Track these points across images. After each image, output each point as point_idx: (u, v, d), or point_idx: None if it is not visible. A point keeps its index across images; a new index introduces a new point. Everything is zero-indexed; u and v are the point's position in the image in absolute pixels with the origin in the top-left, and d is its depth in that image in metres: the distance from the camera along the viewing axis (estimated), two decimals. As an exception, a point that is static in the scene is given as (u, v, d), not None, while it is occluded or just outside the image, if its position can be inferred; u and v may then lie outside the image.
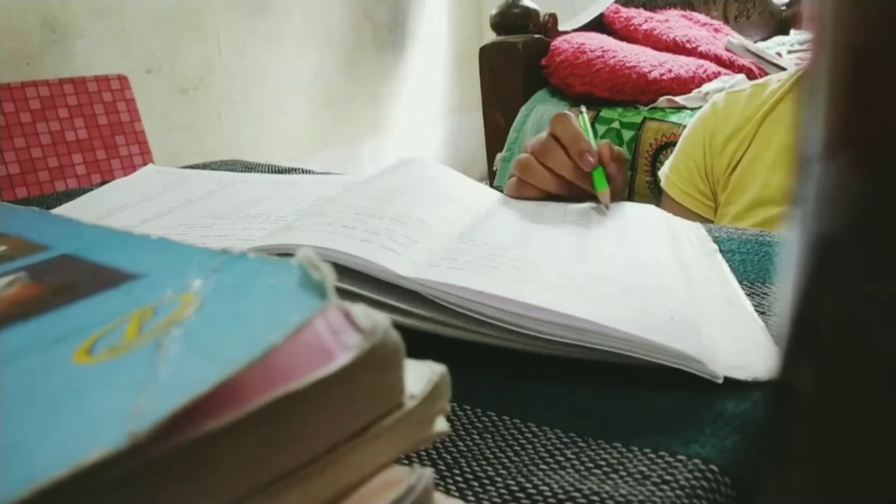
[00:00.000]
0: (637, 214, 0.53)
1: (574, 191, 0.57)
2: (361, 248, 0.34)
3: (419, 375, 0.18)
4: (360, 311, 0.16)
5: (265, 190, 0.58)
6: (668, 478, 0.24)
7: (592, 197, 0.56)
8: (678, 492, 0.23)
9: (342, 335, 0.16)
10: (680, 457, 0.25)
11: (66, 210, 0.58)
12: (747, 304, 0.38)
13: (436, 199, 0.48)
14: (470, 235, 0.42)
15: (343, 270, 0.33)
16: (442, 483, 0.25)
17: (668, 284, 0.37)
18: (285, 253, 0.35)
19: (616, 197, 0.59)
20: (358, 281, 0.33)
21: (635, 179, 1.56)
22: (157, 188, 0.62)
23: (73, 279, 0.19)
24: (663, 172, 0.94)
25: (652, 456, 0.26)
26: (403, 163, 0.56)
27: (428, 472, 0.17)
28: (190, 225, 0.49)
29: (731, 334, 0.33)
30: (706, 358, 0.29)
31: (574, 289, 0.34)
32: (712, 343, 0.31)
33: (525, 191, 0.59)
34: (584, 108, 0.65)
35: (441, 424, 0.18)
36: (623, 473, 0.25)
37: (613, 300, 0.34)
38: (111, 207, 0.57)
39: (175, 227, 0.49)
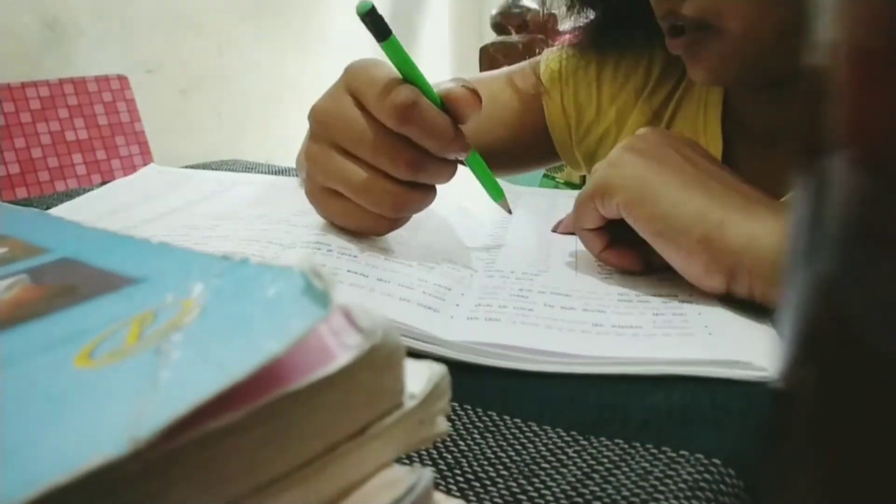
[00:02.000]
0: None
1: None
2: (403, 312, 0.34)
3: (419, 375, 0.18)
4: (361, 312, 0.16)
5: (267, 190, 0.58)
6: (670, 473, 0.24)
7: None
8: (681, 485, 0.24)
9: (342, 335, 0.16)
10: (682, 452, 0.25)
11: (66, 210, 0.58)
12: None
13: (448, 217, 0.48)
14: (495, 264, 0.43)
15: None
16: (443, 483, 0.25)
17: (689, 296, 0.37)
18: None
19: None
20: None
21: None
22: (159, 188, 0.62)
23: (74, 282, 0.19)
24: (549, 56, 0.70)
25: (654, 452, 0.26)
26: None
27: (428, 472, 0.17)
28: (192, 226, 0.49)
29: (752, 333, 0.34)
30: (751, 357, 0.30)
31: (610, 326, 0.35)
32: (745, 342, 0.32)
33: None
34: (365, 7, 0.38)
35: (441, 424, 0.18)
36: (626, 470, 0.25)
37: (650, 328, 0.34)
38: (112, 207, 0.57)
39: (177, 228, 0.49)
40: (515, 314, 0.36)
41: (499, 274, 0.41)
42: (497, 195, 0.45)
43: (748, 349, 0.31)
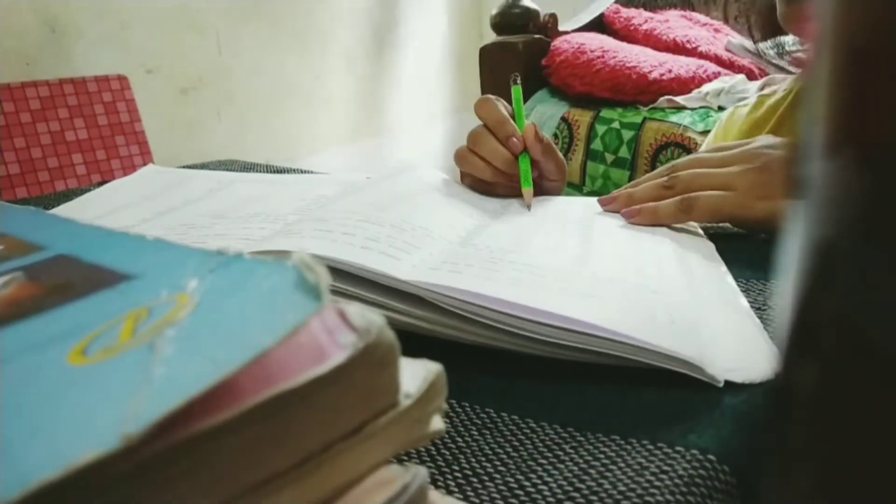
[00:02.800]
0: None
1: (508, 179, 0.56)
2: (361, 255, 0.34)
3: (415, 374, 0.18)
4: (355, 311, 0.16)
5: (264, 189, 0.58)
6: (666, 468, 0.24)
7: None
8: (676, 481, 0.24)
9: (337, 334, 0.16)
10: (678, 447, 0.26)
11: (65, 210, 0.58)
12: (744, 302, 0.38)
13: (437, 206, 0.48)
14: (471, 240, 0.42)
15: (342, 274, 0.33)
16: (441, 479, 0.25)
17: (669, 287, 0.37)
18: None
19: (553, 185, 0.59)
20: (357, 284, 0.33)
21: (634, 179, 1.56)
22: (157, 188, 0.62)
23: (68, 279, 0.19)
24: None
25: (650, 448, 0.26)
26: (402, 170, 0.56)
27: (423, 471, 0.17)
28: (190, 225, 0.49)
29: (731, 335, 0.33)
30: (706, 362, 0.29)
31: (575, 292, 0.34)
32: (713, 345, 0.31)
33: (465, 181, 0.58)
34: (517, 78, 0.62)
35: (437, 423, 0.18)
36: (622, 465, 0.25)
37: (615, 304, 0.34)
38: (111, 207, 0.58)
39: (175, 228, 0.49)
40: (480, 271, 0.35)
41: (473, 247, 0.41)
42: (526, 182, 0.54)
43: (708, 352, 0.30)
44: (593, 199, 0.56)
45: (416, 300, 0.33)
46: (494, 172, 0.56)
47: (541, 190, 0.59)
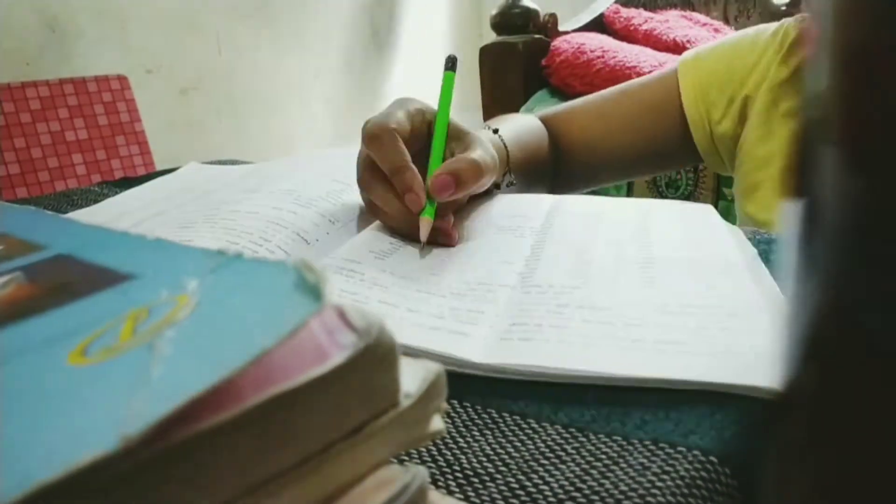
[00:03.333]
0: (690, 221, 0.51)
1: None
2: (432, 339, 0.34)
3: (415, 374, 0.18)
4: (355, 311, 0.16)
5: (294, 164, 0.60)
6: (668, 469, 0.24)
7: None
8: (678, 482, 0.24)
9: (337, 334, 0.16)
10: (680, 448, 0.26)
11: (109, 204, 0.61)
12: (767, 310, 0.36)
13: (486, 240, 0.47)
14: (532, 278, 0.41)
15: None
16: (442, 479, 0.25)
17: (742, 307, 0.36)
18: None
19: (488, 193, 0.53)
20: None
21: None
22: (199, 181, 0.64)
23: (68, 279, 0.19)
24: (689, 54, 0.74)
25: (652, 448, 0.26)
26: None
27: (423, 471, 0.17)
28: (222, 201, 0.51)
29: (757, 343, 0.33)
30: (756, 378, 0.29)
31: (651, 343, 0.33)
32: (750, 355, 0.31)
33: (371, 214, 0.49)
34: (453, 61, 0.52)
35: (437, 423, 0.18)
36: (624, 466, 0.25)
37: (692, 347, 0.32)
38: (151, 199, 0.60)
39: (208, 204, 0.51)
40: (550, 332, 0.34)
41: (536, 289, 0.39)
42: (427, 212, 0.44)
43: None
44: (646, 202, 0.54)
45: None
46: (392, 213, 0.45)
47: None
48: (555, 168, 0.74)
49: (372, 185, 0.46)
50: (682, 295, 0.37)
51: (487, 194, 0.56)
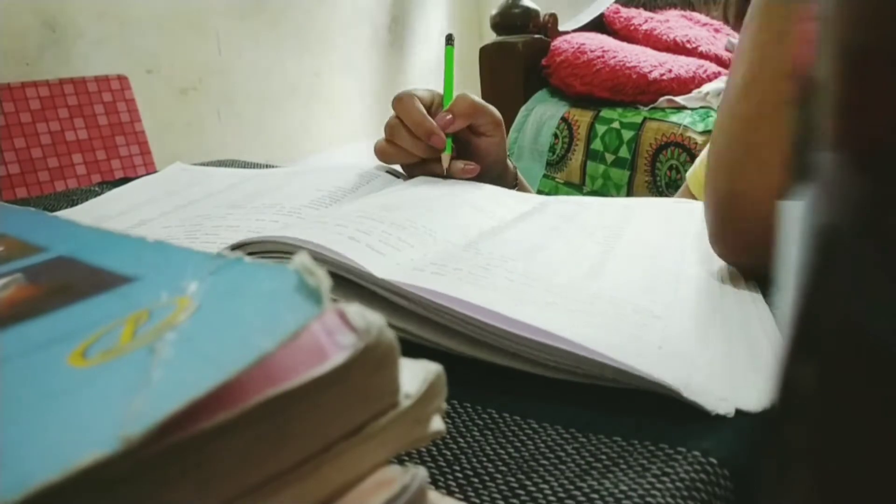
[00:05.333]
0: (674, 217, 0.50)
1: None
2: (343, 245, 0.33)
3: (414, 374, 0.18)
4: (355, 311, 0.16)
5: (282, 180, 0.59)
6: (668, 470, 0.24)
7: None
8: (678, 484, 0.24)
9: (337, 335, 0.16)
10: (680, 449, 0.26)
11: (91, 205, 0.60)
12: (760, 329, 0.35)
13: (454, 208, 0.46)
14: (477, 244, 0.40)
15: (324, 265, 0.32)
16: (442, 480, 0.25)
17: (676, 313, 0.34)
18: (274, 251, 0.35)
19: (490, 141, 0.60)
20: (335, 278, 0.32)
21: (634, 179, 1.56)
22: (182, 184, 0.63)
23: (69, 281, 0.19)
24: (693, 168, 0.80)
25: (652, 449, 0.26)
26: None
27: (422, 472, 0.17)
28: (205, 216, 0.50)
29: (729, 364, 0.31)
30: (693, 390, 0.28)
31: (563, 307, 0.32)
32: (707, 374, 0.29)
33: (389, 161, 0.60)
34: (451, 38, 0.64)
35: (437, 424, 0.18)
36: (624, 467, 0.25)
37: (604, 323, 0.32)
38: (136, 202, 0.59)
39: (191, 219, 0.50)
40: (467, 277, 0.33)
41: (476, 251, 0.38)
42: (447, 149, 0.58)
43: (690, 378, 0.28)
44: (637, 201, 0.53)
45: (390, 302, 0.31)
46: (420, 155, 0.58)
47: (479, 147, 0.60)
48: None
49: (398, 134, 0.58)
50: (621, 289, 0.36)
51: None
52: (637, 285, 0.37)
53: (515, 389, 0.31)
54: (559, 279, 0.36)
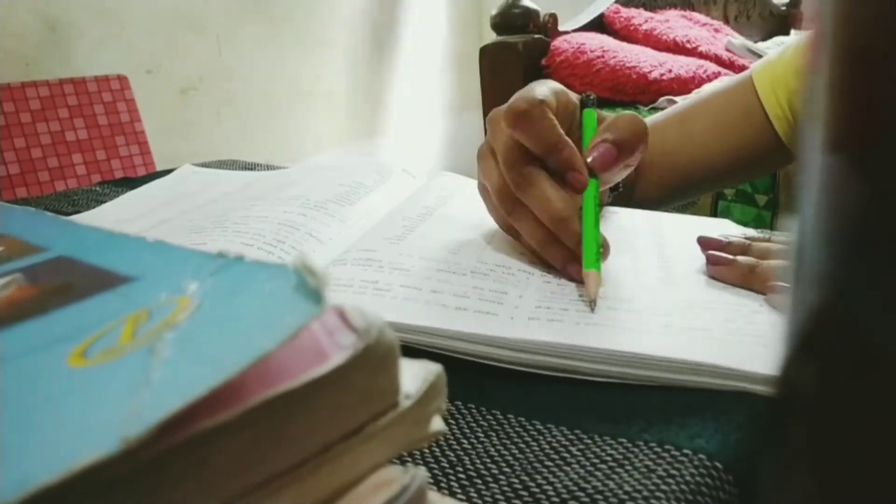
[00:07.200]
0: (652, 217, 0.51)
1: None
2: (459, 320, 0.33)
3: (415, 375, 0.18)
4: (355, 311, 0.16)
5: (297, 176, 0.59)
6: (673, 472, 0.24)
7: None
8: (683, 486, 0.24)
9: (337, 335, 0.16)
10: (685, 451, 0.25)
11: (106, 209, 0.60)
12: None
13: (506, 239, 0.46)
14: (551, 270, 0.40)
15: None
16: (445, 480, 0.25)
17: (764, 311, 0.35)
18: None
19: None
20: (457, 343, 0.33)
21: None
22: (197, 185, 0.63)
23: (69, 281, 0.19)
24: (760, 62, 0.69)
25: (658, 450, 0.26)
26: (435, 176, 0.56)
27: (422, 472, 0.17)
28: (230, 208, 0.50)
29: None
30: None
31: (678, 329, 0.33)
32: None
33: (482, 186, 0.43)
34: (593, 99, 0.47)
35: (437, 424, 0.18)
36: (629, 468, 0.25)
37: (721, 332, 0.33)
38: (153, 204, 0.59)
39: (216, 212, 0.50)
40: (578, 316, 0.34)
41: (556, 280, 0.39)
42: (589, 263, 0.37)
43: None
44: (655, 216, 0.53)
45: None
46: (545, 235, 0.38)
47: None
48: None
49: (527, 181, 0.38)
50: (706, 293, 0.37)
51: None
52: (714, 288, 0.38)
53: (520, 390, 0.31)
54: (647, 294, 0.37)
